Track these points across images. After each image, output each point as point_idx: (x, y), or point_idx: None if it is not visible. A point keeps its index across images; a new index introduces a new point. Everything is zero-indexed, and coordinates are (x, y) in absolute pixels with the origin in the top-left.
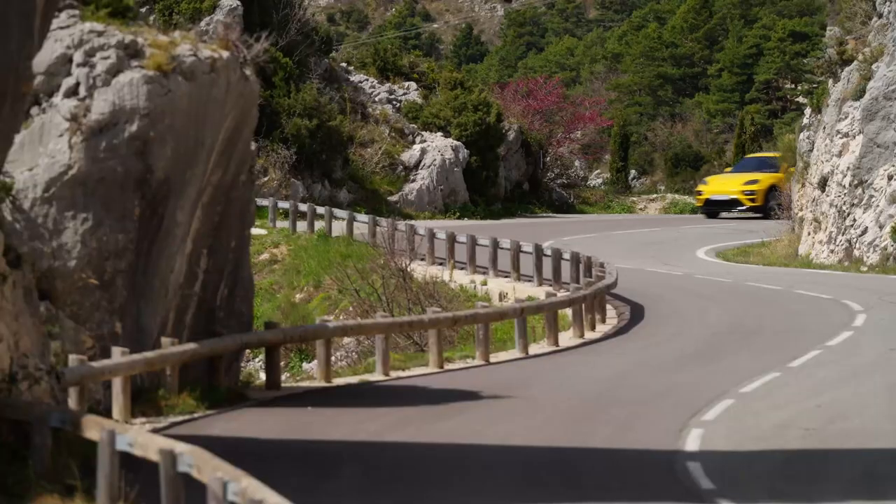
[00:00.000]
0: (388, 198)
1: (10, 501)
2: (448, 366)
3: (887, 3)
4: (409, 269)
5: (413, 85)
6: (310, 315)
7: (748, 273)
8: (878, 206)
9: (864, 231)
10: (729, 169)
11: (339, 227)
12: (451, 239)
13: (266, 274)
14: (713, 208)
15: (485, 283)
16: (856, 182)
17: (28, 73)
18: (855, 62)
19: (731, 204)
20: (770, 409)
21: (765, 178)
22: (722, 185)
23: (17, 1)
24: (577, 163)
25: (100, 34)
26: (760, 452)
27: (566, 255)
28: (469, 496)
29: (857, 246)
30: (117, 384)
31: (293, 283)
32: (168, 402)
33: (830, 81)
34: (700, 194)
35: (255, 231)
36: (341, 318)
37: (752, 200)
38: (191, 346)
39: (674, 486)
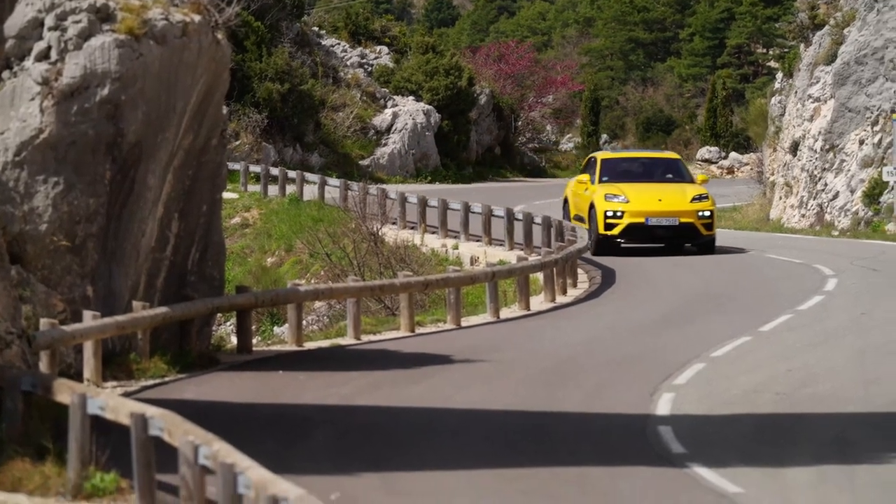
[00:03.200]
0: (360, 162)
1: None
2: (419, 330)
3: None
4: (380, 234)
5: (385, 49)
6: (281, 279)
7: (720, 237)
8: (849, 170)
9: (836, 195)
10: (584, 174)
11: (310, 191)
12: (423, 203)
13: (237, 238)
14: (640, 237)
15: (456, 248)
16: (827, 146)
17: None
18: (826, 27)
19: (682, 234)
20: (741, 374)
21: (705, 191)
22: (651, 198)
23: None
24: (548, 127)
25: None
26: (731, 416)
27: (537, 220)
28: (440, 460)
29: (829, 210)
30: (88, 348)
31: (264, 246)
32: (139, 365)
33: (802, 46)
34: (616, 215)
35: (226, 195)
36: (312, 282)
37: (708, 227)
38: (162, 309)
39: (645, 450)
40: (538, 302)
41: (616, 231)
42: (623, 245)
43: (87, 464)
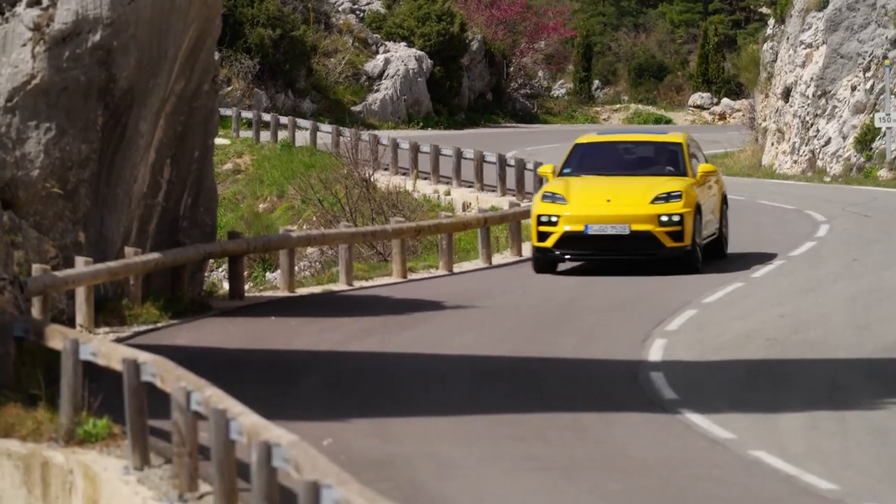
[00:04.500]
0: (352, 108)
1: None
2: (411, 276)
3: None
4: (372, 179)
5: None
6: (273, 225)
7: None
8: (841, 116)
9: (828, 142)
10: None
11: (302, 137)
12: (415, 149)
13: (229, 184)
14: (579, 250)
15: (448, 193)
16: (819, 93)
17: None
18: None
19: (635, 245)
20: (733, 320)
21: (685, 187)
22: (598, 198)
23: None
24: (540, 73)
25: None
26: (723, 362)
27: (529, 166)
28: (432, 405)
29: (821, 156)
30: (80, 294)
31: (256, 193)
32: (131, 311)
33: None
34: (550, 222)
35: (218, 141)
36: (304, 227)
37: (677, 237)
38: (154, 255)
39: (637, 396)
40: (530, 248)
41: (550, 242)
42: (567, 258)
43: (80, 409)
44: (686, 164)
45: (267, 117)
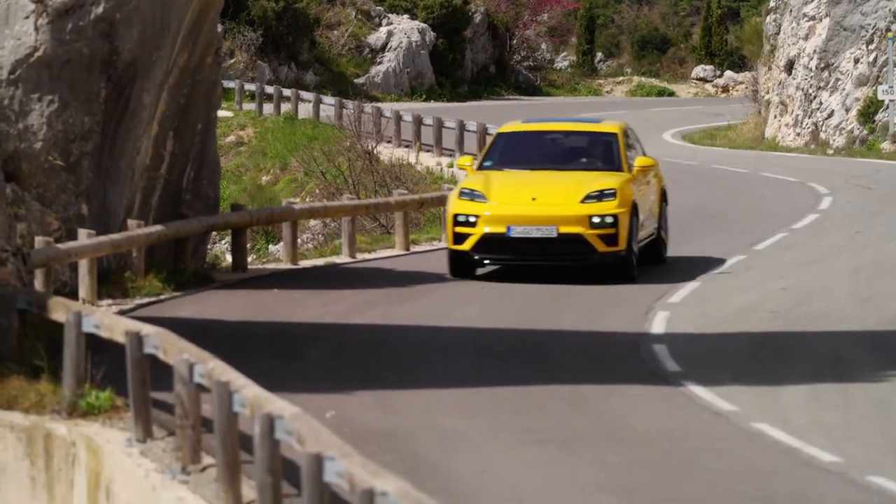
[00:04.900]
0: (355, 80)
1: None
2: (414, 248)
3: None
4: (375, 152)
5: None
6: (276, 197)
7: (714, 156)
8: (844, 89)
9: (831, 114)
10: (469, 160)
11: (305, 110)
12: (418, 121)
13: (232, 156)
14: (500, 254)
15: (451, 166)
16: (822, 65)
17: None
18: None
19: (564, 250)
20: (735, 292)
21: (619, 184)
22: (523, 196)
23: None
24: (543, 45)
25: None
26: (726, 335)
27: None
28: (435, 377)
29: (824, 129)
30: (83, 266)
31: (259, 165)
32: (134, 284)
33: None
34: (468, 222)
35: (221, 113)
36: (308, 200)
37: (610, 240)
38: (157, 228)
39: (640, 368)
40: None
41: (467, 245)
42: (486, 263)
43: (83, 382)
44: (622, 158)
45: (270, 90)
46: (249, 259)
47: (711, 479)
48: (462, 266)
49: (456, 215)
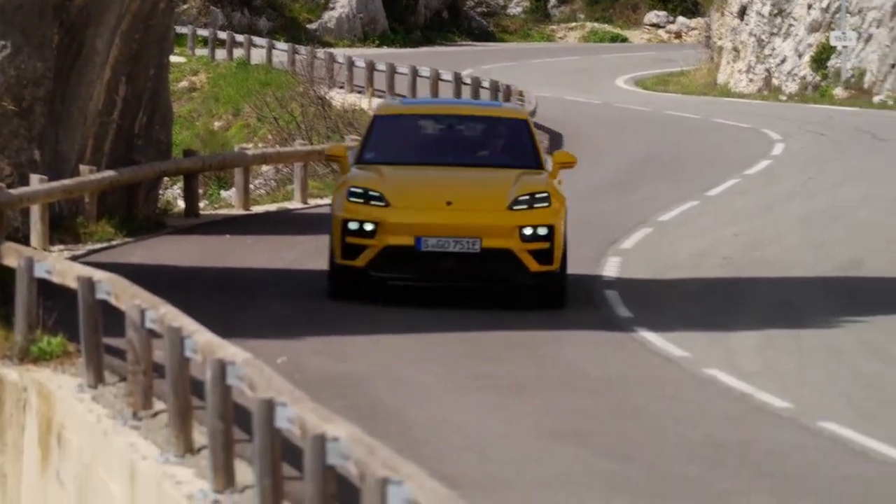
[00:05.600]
0: (308, 26)
1: None
2: None
3: None
4: (327, 97)
5: None
6: (228, 143)
7: (667, 102)
8: (797, 35)
9: (783, 60)
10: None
11: (258, 55)
12: (370, 67)
13: (185, 102)
14: (407, 272)
15: None
16: (775, 11)
17: None
18: None
19: (489, 269)
20: (688, 238)
21: (549, 187)
22: (435, 199)
23: None
24: None
25: None
26: (678, 280)
27: (485, 84)
28: (386, 323)
29: (776, 75)
30: (35, 212)
31: (212, 111)
32: (86, 229)
33: None
34: (363, 231)
35: (173, 59)
36: (260, 145)
37: (544, 257)
38: (109, 173)
39: (591, 313)
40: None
41: (362, 260)
42: (388, 282)
43: (34, 327)
44: (539, 152)
45: (222, 35)
46: (201, 205)
47: (663, 426)
48: (350, 286)
49: (346, 221)
